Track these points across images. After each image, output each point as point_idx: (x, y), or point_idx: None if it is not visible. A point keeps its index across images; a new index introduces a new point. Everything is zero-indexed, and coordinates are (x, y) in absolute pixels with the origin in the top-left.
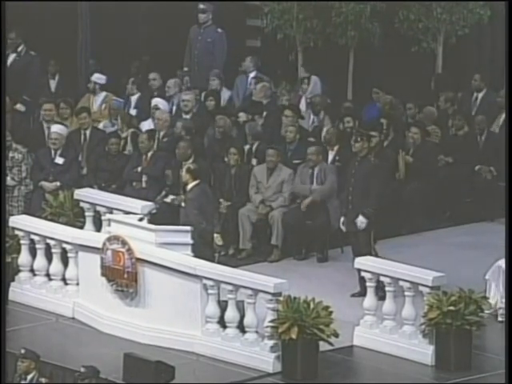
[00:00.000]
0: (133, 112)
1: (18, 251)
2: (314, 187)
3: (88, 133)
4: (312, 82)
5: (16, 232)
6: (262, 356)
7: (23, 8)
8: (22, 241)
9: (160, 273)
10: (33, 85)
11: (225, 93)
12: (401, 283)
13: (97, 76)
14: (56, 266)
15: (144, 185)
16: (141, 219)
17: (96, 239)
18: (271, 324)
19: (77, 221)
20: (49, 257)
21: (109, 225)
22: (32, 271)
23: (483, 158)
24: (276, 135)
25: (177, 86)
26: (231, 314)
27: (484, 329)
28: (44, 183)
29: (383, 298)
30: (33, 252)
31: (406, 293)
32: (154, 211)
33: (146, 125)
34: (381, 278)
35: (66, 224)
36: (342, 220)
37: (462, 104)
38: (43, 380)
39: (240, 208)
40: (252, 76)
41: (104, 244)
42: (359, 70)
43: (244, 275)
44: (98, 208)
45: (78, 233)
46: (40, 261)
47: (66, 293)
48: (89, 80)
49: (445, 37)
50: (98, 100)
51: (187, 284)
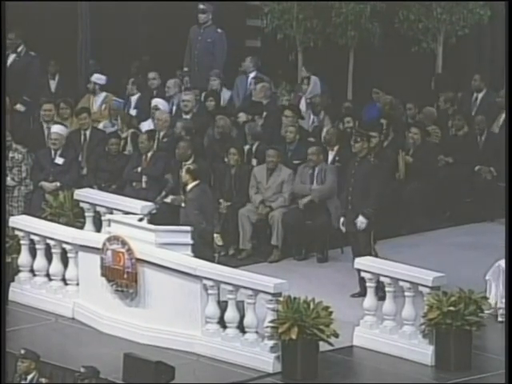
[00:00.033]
0: (133, 112)
1: (18, 251)
2: (314, 187)
3: (88, 133)
4: (312, 82)
5: (16, 232)
6: (262, 356)
7: (23, 8)
8: (22, 241)
9: (160, 273)
10: (33, 85)
11: (225, 93)
12: (401, 283)
13: (97, 76)
14: (56, 267)
15: (144, 185)
16: (141, 219)
17: (96, 239)
18: (271, 324)
19: (77, 221)
20: (49, 257)
21: (109, 225)
22: (32, 271)
23: (483, 159)
24: (276, 135)
25: (177, 87)
26: (231, 315)
27: (484, 329)
28: (44, 183)
29: (383, 299)
30: (33, 252)
31: (406, 293)
32: (154, 211)
33: (146, 125)
34: (381, 279)
35: (66, 224)
36: (342, 220)
37: (462, 104)
38: (43, 380)
39: (240, 208)
40: (252, 76)
41: (104, 244)
42: (359, 70)
43: (244, 275)
44: (98, 208)
45: (78, 233)
46: (40, 261)
47: (66, 293)
48: (89, 80)
49: (445, 37)
50: (98, 100)
51: (187, 284)
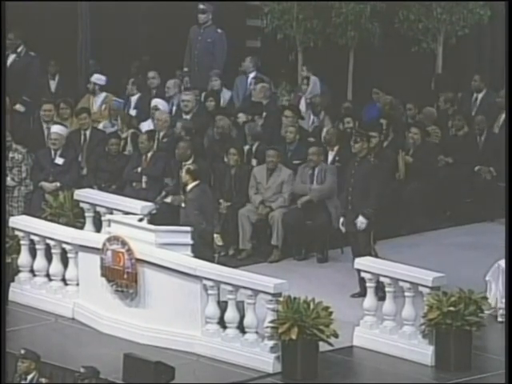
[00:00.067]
0: (133, 112)
1: (18, 252)
2: (314, 187)
3: (88, 133)
4: (312, 82)
5: (16, 232)
6: (262, 356)
7: (23, 8)
8: (22, 241)
9: (160, 273)
10: (33, 85)
11: (225, 93)
12: (401, 284)
13: (96, 77)
14: (56, 267)
15: (144, 185)
16: (141, 220)
17: (96, 240)
18: (271, 324)
19: (77, 221)
20: (49, 257)
21: (109, 225)
22: (32, 272)
23: (483, 159)
24: (276, 136)
25: (176, 87)
26: (231, 315)
27: (484, 329)
28: (44, 184)
29: (383, 299)
30: (33, 252)
31: (406, 293)
32: (154, 212)
33: (146, 125)
34: (381, 279)
35: (66, 224)
36: (342, 220)
37: (462, 104)
38: (43, 380)
39: (240, 208)
40: (252, 76)
41: (104, 244)
42: (359, 70)
43: (244, 276)
44: (98, 208)
45: (78, 233)
46: (40, 261)
47: (66, 293)
48: (89, 80)
49: (445, 37)
50: (98, 100)
51: (187, 284)
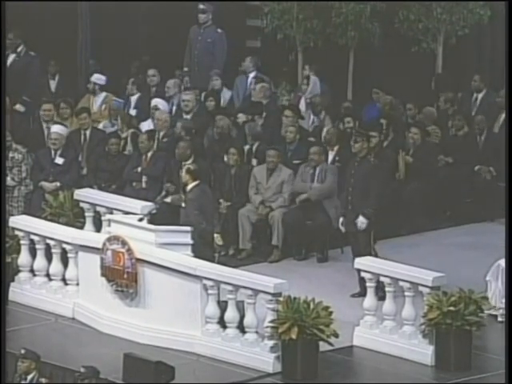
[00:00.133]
0: (133, 112)
1: (18, 251)
2: (314, 186)
3: (88, 133)
4: (312, 82)
5: (16, 232)
6: (262, 356)
7: (23, 8)
8: (22, 241)
9: (160, 273)
10: (33, 85)
11: (226, 93)
12: (401, 283)
13: (96, 76)
14: (56, 267)
15: (144, 185)
16: (141, 219)
17: (96, 239)
18: (271, 324)
19: (77, 221)
20: (49, 257)
21: (109, 225)
22: (32, 271)
23: (483, 158)
24: (276, 135)
25: (176, 87)
26: (231, 315)
27: (484, 329)
28: (44, 183)
29: (383, 299)
30: (33, 252)
31: (406, 293)
32: (154, 211)
33: (146, 125)
34: (381, 279)
35: (66, 224)
36: (342, 220)
37: (462, 104)
38: (43, 380)
39: (240, 208)
40: (252, 76)
41: (104, 244)
42: (359, 70)
43: (244, 275)
44: (98, 208)
45: (78, 233)
46: (40, 261)
47: (66, 293)
48: (89, 80)
49: (445, 37)
50: (98, 100)
51: (187, 284)
